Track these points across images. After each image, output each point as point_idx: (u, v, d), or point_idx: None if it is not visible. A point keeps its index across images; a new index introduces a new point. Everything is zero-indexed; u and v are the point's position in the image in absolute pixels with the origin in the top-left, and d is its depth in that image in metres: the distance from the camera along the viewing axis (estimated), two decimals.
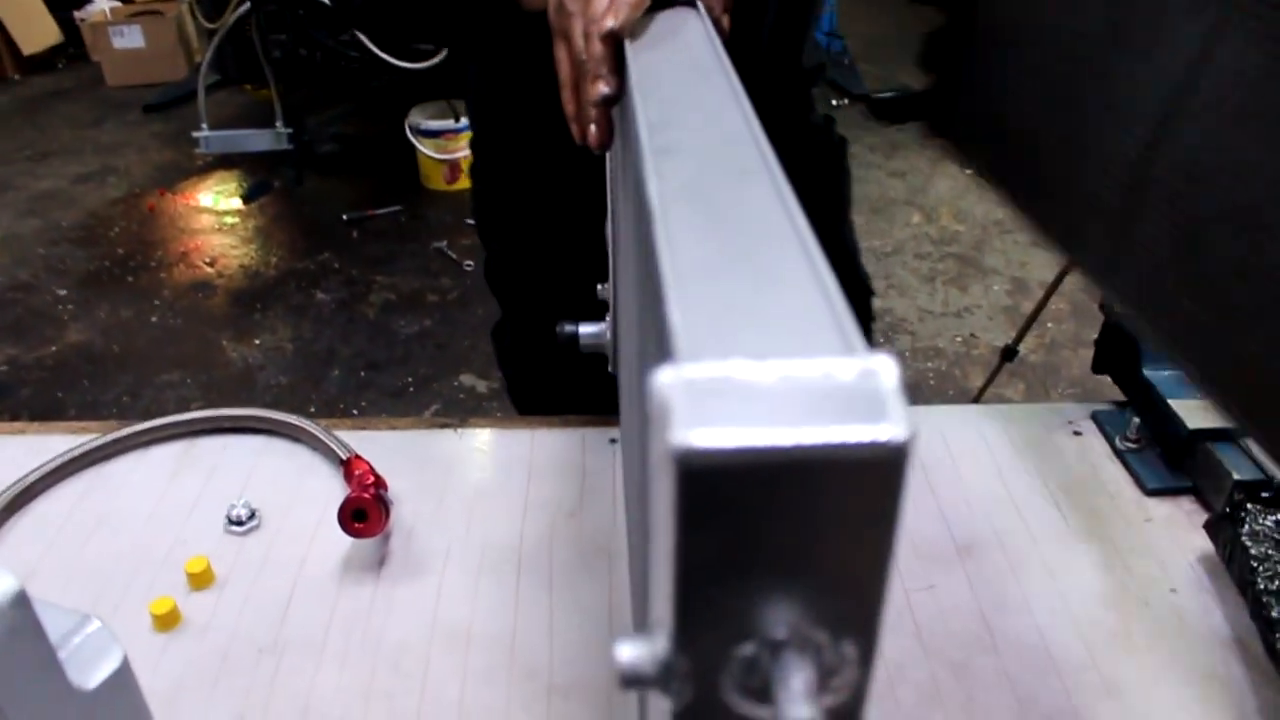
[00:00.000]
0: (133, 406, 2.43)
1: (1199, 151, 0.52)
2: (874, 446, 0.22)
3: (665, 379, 0.23)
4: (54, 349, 2.69)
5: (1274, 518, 0.71)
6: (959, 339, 2.59)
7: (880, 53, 4.50)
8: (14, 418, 2.40)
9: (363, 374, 2.56)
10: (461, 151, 3.39)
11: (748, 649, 0.25)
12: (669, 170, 0.38)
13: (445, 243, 3.13)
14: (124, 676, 0.45)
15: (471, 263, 2.99)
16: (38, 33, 4.87)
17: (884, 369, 0.24)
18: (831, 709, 0.26)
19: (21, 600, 0.40)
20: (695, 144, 0.40)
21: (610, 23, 0.53)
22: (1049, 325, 2.57)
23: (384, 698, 0.64)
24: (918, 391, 2.40)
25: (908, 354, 2.53)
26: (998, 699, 0.65)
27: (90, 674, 0.44)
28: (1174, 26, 0.54)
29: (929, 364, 2.50)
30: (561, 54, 0.60)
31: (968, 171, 3.50)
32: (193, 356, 2.64)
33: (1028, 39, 0.71)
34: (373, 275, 3.02)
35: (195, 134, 3.51)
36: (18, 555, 0.77)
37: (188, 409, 2.39)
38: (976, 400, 2.14)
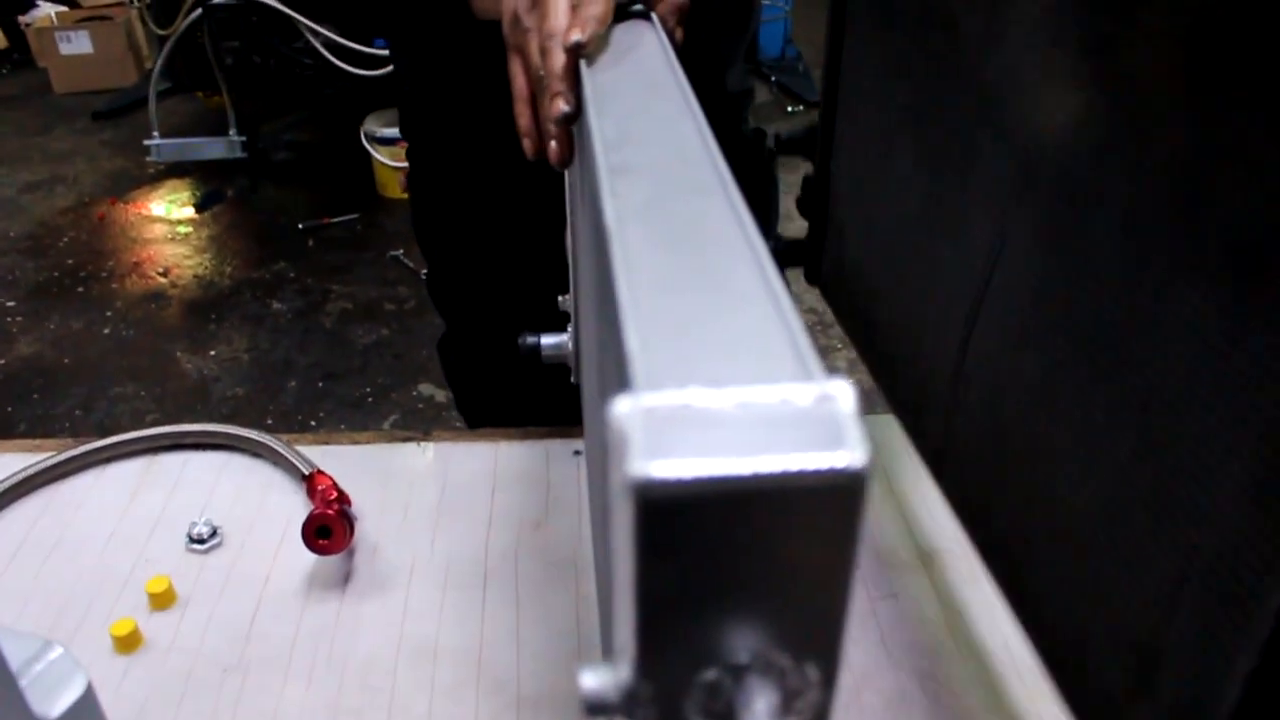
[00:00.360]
0: (86, 420, 2.39)
1: (996, 364, 0.51)
2: (832, 474, 0.22)
3: (623, 408, 0.24)
4: (2, 362, 2.63)
5: None
6: None
7: None
8: None
9: (320, 384, 2.53)
10: None
11: (711, 674, 0.26)
12: (625, 190, 0.38)
13: (402, 251, 3.11)
14: (88, 703, 0.44)
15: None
16: None
17: (841, 394, 0.24)
18: None
19: None
20: (651, 162, 0.41)
21: (576, 36, 0.53)
22: None
23: (351, 714, 0.64)
24: (875, 395, 2.42)
25: None
26: (963, 703, 0.66)
27: (53, 702, 0.43)
28: (970, 237, 0.53)
29: None
30: (516, 68, 0.60)
31: None
32: (146, 368, 2.60)
33: (870, 206, 0.71)
34: (329, 284, 2.99)
35: (147, 142, 3.45)
36: None
37: (143, 422, 2.35)
38: None
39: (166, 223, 3.42)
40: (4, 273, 3.07)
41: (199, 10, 3.11)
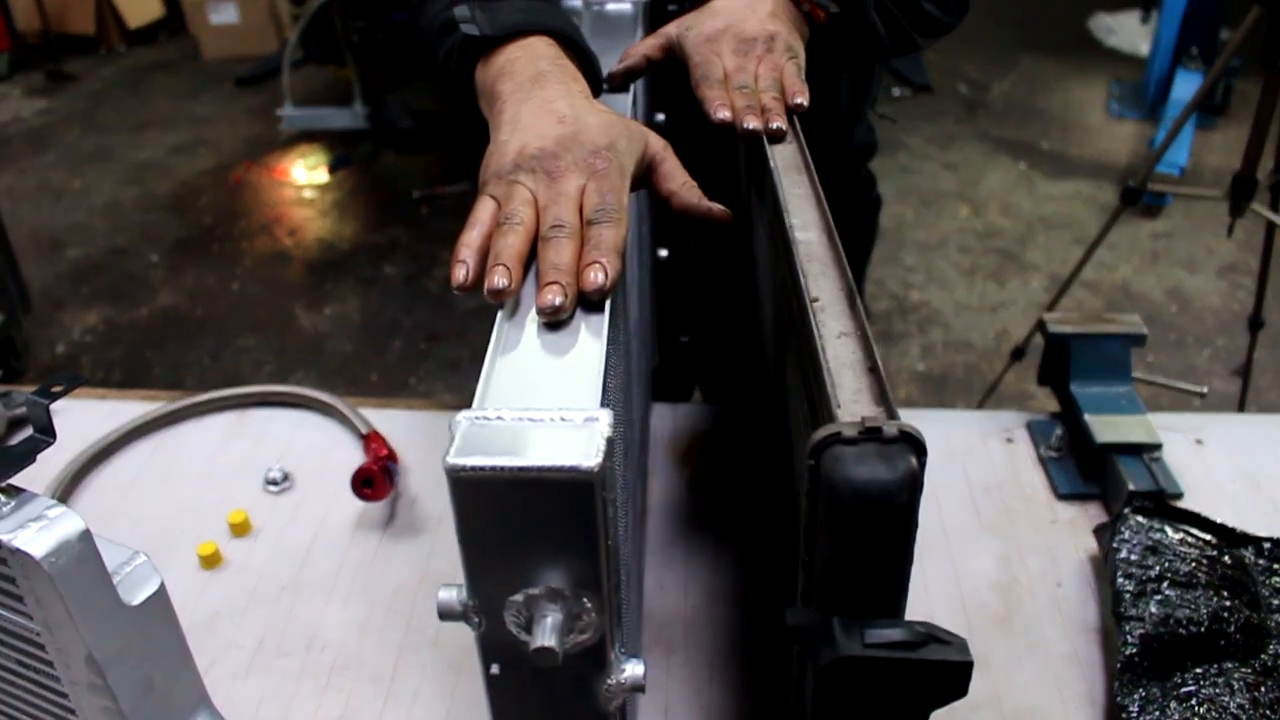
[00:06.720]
0: (214, 368, 2.65)
1: None
2: (572, 470, 0.35)
3: (459, 416, 0.37)
4: (145, 312, 2.92)
5: (1147, 527, 0.81)
6: (991, 334, 2.65)
7: (945, 44, 4.50)
8: (106, 375, 2.64)
9: (422, 345, 2.73)
10: None
11: (518, 597, 0.39)
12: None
13: None
14: (161, 596, 0.60)
15: None
16: (142, 7, 5.15)
17: (603, 418, 0.37)
18: (581, 644, 0.40)
19: (86, 536, 0.55)
20: None
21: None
22: None
23: (375, 631, 0.79)
24: (944, 383, 2.48)
25: (938, 346, 2.61)
26: None
27: (135, 594, 0.59)
28: None
29: (959, 357, 2.57)
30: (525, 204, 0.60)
31: (1021, 165, 3.53)
32: (268, 323, 2.85)
33: None
34: (438, 251, 3.19)
35: (278, 112, 3.71)
36: (99, 502, 0.93)
37: (261, 372, 2.57)
38: (984, 400, 2.22)
39: (294, 186, 3.68)
40: (151, 229, 3.38)
41: None
